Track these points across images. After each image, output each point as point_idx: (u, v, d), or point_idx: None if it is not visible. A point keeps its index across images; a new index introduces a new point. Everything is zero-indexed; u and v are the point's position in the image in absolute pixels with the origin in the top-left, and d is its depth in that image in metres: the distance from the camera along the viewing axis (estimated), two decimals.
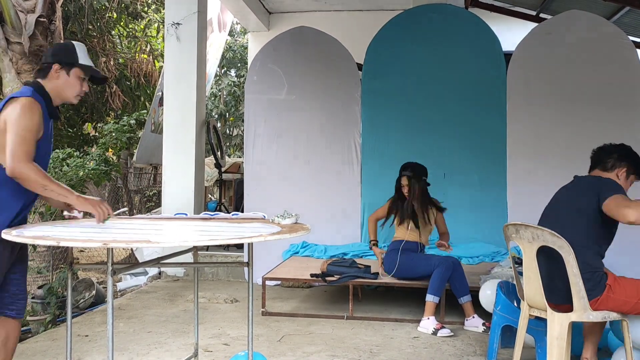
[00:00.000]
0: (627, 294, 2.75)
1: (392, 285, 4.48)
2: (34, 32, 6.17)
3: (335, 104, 6.07)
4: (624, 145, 3.08)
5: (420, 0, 6.41)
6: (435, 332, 4.03)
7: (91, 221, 2.52)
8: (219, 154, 7.28)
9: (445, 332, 4.01)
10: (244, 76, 13.98)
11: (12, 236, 2.12)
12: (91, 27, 9.94)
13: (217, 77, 14.38)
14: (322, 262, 4.97)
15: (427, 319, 4.11)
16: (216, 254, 6.14)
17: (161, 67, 9.58)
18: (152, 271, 6.18)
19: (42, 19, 6.22)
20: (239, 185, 7.63)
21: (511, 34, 6.90)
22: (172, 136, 6.28)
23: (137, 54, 11.10)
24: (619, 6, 6.49)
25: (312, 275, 4.68)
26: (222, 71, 15.20)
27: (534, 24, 6.61)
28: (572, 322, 2.77)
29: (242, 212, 5.92)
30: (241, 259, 5.92)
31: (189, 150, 6.23)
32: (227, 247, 6.35)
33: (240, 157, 11.45)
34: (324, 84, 6.08)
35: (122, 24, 11.15)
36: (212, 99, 14.75)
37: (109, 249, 2.03)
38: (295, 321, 4.41)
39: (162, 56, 9.93)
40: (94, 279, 5.65)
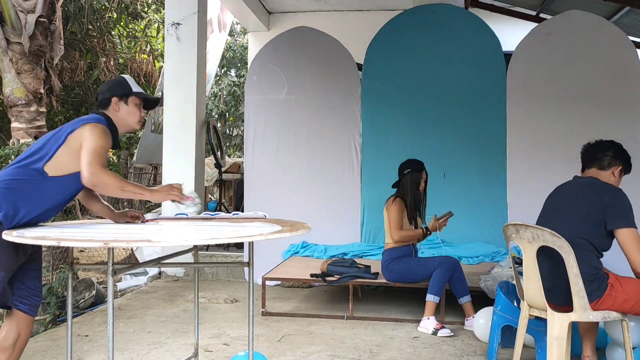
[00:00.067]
0: (628, 292, 2.76)
1: (392, 285, 4.49)
2: (34, 32, 6.17)
3: (335, 104, 6.07)
4: (614, 142, 3.09)
5: (420, 0, 6.41)
6: (435, 332, 4.03)
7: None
8: (219, 154, 7.28)
9: (445, 332, 4.02)
10: (244, 76, 13.98)
11: (13, 237, 2.12)
12: (91, 27, 9.95)
13: (217, 77, 14.38)
14: (322, 262, 4.97)
15: (427, 319, 4.12)
16: (216, 254, 6.14)
17: (161, 67, 9.58)
18: (152, 271, 6.18)
19: (42, 19, 6.22)
20: (239, 185, 7.63)
21: (511, 34, 6.90)
22: (172, 136, 6.28)
23: (137, 54, 11.11)
24: (619, 6, 6.50)
25: (312, 275, 4.68)
26: (222, 71, 15.20)
27: (534, 24, 6.62)
28: (572, 322, 2.78)
29: (242, 212, 5.92)
30: (241, 259, 5.93)
31: (189, 150, 6.23)
32: (227, 247, 6.36)
33: (240, 157, 11.45)
34: (324, 84, 6.08)
35: (122, 24, 11.16)
36: (212, 99, 14.75)
37: (109, 249, 2.03)
38: (295, 321, 4.41)
39: (162, 56, 9.94)
40: (94, 279, 5.64)
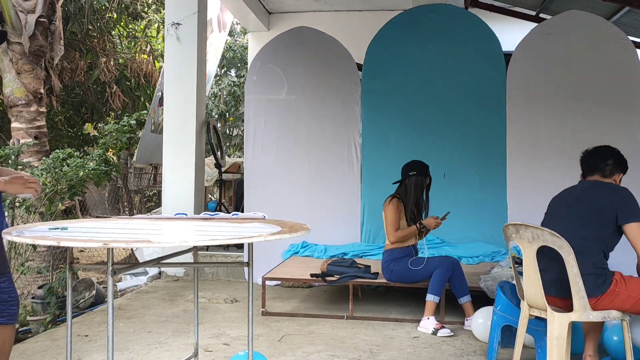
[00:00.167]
0: (631, 290, 2.79)
1: (392, 285, 4.49)
2: (34, 32, 6.18)
3: (335, 104, 6.07)
4: (612, 148, 3.11)
5: (420, 0, 6.41)
6: (435, 332, 4.03)
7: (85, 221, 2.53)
8: (219, 154, 7.28)
9: (445, 332, 4.02)
10: (244, 76, 13.98)
11: (12, 236, 2.11)
12: (91, 27, 9.95)
13: (217, 77, 14.38)
14: (322, 262, 4.97)
15: (427, 318, 4.12)
16: (216, 254, 6.14)
17: (161, 67, 9.58)
18: (152, 271, 6.19)
19: (42, 19, 6.23)
20: (239, 185, 7.63)
21: (511, 34, 6.89)
22: (172, 136, 6.28)
23: (137, 54, 11.11)
24: (619, 6, 6.49)
25: (312, 275, 4.68)
26: (222, 71, 15.20)
27: (534, 24, 6.61)
28: (572, 322, 2.78)
29: (242, 212, 5.92)
30: (241, 259, 5.93)
31: (189, 150, 6.23)
32: (227, 247, 6.35)
33: (240, 157, 11.45)
34: (324, 84, 6.08)
35: (122, 24, 11.16)
36: (212, 99, 14.75)
37: (109, 249, 2.03)
38: (295, 321, 4.41)
39: (162, 56, 9.94)
40: (94, 279, 5.64)
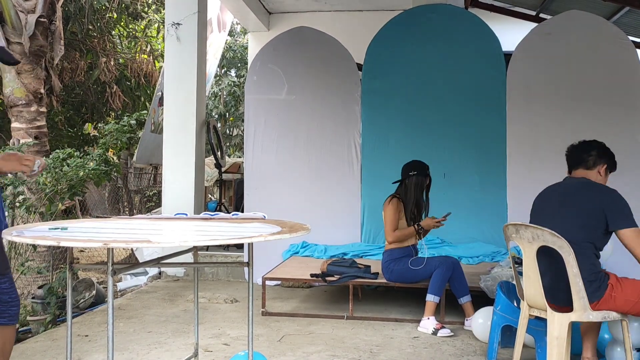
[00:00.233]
0: (628, 293, 2.76)
1: (392, 285, 4.49)
2: (34, 32, 6.18)
3: (335, 104, 6.07)
4: (596, 141, 3.11)
5: (420, 0, 6.41)
6: (435, 332, 4.03)
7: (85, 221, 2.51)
8: (219, 154, 7.28)
9: (445, 332, 4.02)
10: (244, 76, 13.98)
11: (12, 236, 2.11)
12: (91, 27, 9.95)
13: (217, 77, 14.38)
14: (322, 262, 4.97)
15: (427, 319, 4.12)
16: (216, 254, 6.14)
17: (161, 67, 9.58)
18: (152, 271, 6.19)
19: (42, 19, 6.23)
20: (239, 185, 7.63)
21: (511, 34, 6.89)
22: (172, 136, 6.28)
23: (137, 54, 11.11)
24: (619, 6, 6.50)
25: (312, 275, 4.68)
26: (222, 71, 15.20)
27: (534, 24, 6.61)
28: (572, 322, 2.78)
29: (242, 212, 5.92)
30: (241, 259, 5.93)
31: (189, 150, 6.24)
32: (227, 247, 6.35)
33: (240, 157, 11.46)
34: (324, 84, 6.08)
35: (122, 24, 11.16)
36: (212, 99, 14.75)
37: (109, 249, 2.02)
38: (295, 321, 4.41)
39: (162, 56, 9.95)
40: (94, 279, 5.64)
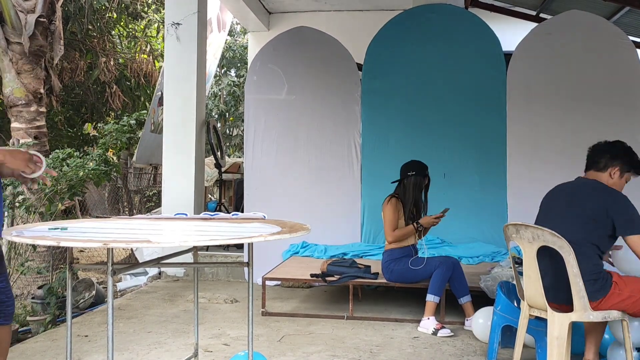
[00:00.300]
0: (632, 289, 2.78)
1: (392, 285, 4.48)
2: (34, 32, 6.17)
3: (335, 104, 6.07)
4: (618, 142, 3.05)
5: (420, 0, 6.41)
6: (435, 332, 4.03)
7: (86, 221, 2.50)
8: (219, 154, 7.28)
9: (445, 332, 4.01)
10: (244, 76, 13.97)
11: (12, 236, 2.11)
12: (91, 27, 9.95)
13: (217, 77, 14.38)
14: (322, 262, 4.97)
15: (427, 319, 4.12)
16: (216, 254, 6.14)
17: (161, 67, 9.58)
18: (152, 271, 6.18)
19: (42, 19, 6.22)
20: (239, 185, 7.63)
21: (511, 34, 6.90)
22: (172, 136, 6.28)
23: (137, 54, 11.11)
24: (619, 6, 6.50)
25: (312, 275, 4.68)
26: (222, 71, 15.20)
27: (534, 24, 6.61)
28: (572, 322, 2.78)
29: (242, 212, 5.92)
30: (241, 259, 5.92)
31: (189, 150, 6.23)
32: (227, 247, 6.35)
33: (240, 157, 11.46)
34: (324, 84, 6.08)
35: (122, 24, 11.16)
36: (212, 99, 14.75)
37: (109, 249, 2.02)
38: (295, 321, 4.41)
39: (162, 56, 9.94)
40: (94, 279, 5.64)
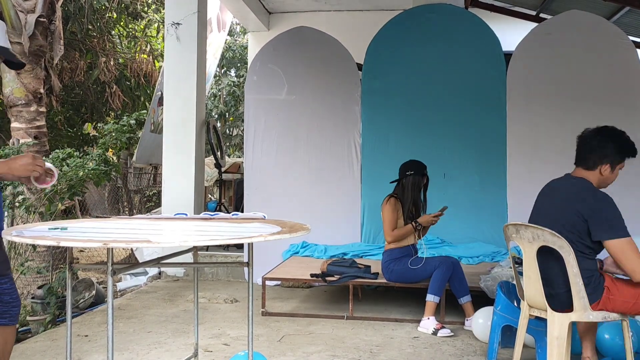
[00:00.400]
0: (625, 294, 2.73)
1: (392, 285, 4.48)
2: (34, 32, 6.17)
3: (335, 104, 6.07)
4: (605, 131, 2.88)
5: (420, 0, 6.41)
6: (435, 332, 4.03)
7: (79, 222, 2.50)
8: (219, 154, 7.28)
9: (445, 332, 4.02)
10: (244, 76, 13.98)
11: (12, 236, 2.11)
12: (91, 27, 9.95)
13: (217, 77, 14.38)
14: (322, 262, 4.97)
15: (427, 319, 4.12)
16: (216, 254, 6.14)
17: (161, 67, 9.58)
18: (152, 271, 6.18)
19: (42, 19, 6.22)
20: (239, 185, 7.63)
21: (511, 34, 6.90)
22: (172, 136, 6.28)
23: (137, 54, 11.11)
24: (619, 6, 6.50)
25: (312, 275, 4.68)
26: (222, 71, 15.20)
27: (534, 24, 6.61)
28: (572, 322, 2.78)
29: (242, 212, 5.91)
30: (241, 259, 5.93)
31: (189, 150, 6.24)
32: (227, 247, 6.35)
33: (240, 157, 11.46)
34: (324, 84, 6.08)
35: (122, 24, 11.16)
36: (212, 99, 14.75)
37: (108, 249, 2.02)
38: (295, 321, 4.41)
39: (161, 56, 9.94)
40: (94, 279, 5.64)
